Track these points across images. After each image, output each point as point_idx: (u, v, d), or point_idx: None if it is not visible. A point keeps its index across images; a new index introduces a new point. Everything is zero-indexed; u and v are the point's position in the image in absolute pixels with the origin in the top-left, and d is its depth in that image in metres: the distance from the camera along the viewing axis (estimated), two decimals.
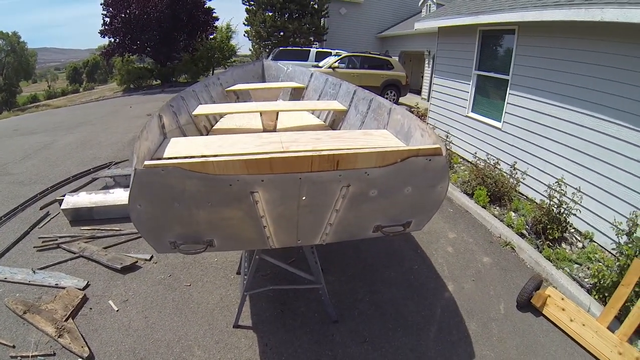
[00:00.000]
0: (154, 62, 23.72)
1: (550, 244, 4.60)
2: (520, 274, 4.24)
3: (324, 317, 3.49)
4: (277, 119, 4.95)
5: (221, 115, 5.77)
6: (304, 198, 2.12)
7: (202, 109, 4.89)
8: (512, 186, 5.90)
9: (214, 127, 5.36)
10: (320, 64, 15.06)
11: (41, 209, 5.62)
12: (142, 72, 23.54)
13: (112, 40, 21.52)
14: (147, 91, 20.93)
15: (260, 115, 4.91)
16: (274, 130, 4.93)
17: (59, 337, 3.13)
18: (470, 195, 6.04)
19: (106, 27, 21.15)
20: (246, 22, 22.92)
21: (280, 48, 17.90)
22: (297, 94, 7.00)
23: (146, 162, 1.88)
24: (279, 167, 1.97)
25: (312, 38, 21.59)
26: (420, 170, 2.17)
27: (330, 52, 16.78)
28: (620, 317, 3.20)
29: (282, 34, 21.18)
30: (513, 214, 5.52)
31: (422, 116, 10.01)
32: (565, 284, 3.90)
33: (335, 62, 14.34)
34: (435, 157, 2.14)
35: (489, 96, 7.27)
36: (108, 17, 21.09)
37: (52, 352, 3.01)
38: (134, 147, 2.31)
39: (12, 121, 14.98)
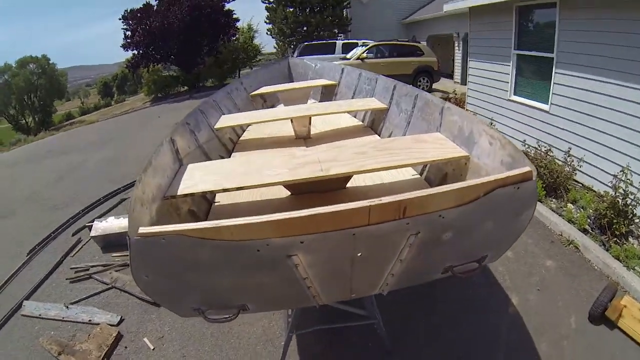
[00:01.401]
0: (180, 69, 23.94)
1: (617, 240, 4.11)
2: (589, 278, 3.79)
3: (377, 347, 3.13)
4: (310, 123, 4.57)
5: (250, 124, 5.31)
6: (359, 254, 1.69)
7: (225, 121, 4.55)
8: (568, 175, 5.38)
9: (241, 138, 4.99)
10: (348, 55, 14.62)
11: (73, 235, 5.55)
12: (168, 81, 23.83)
13: (136, 52, 21.85)
14: (175, 98, 21.07)
15: (291, 121, 4.53)
16: (308, 136, 4.60)
17: None
18: None
19: (128, 40, 21.50)
20: (267, 20, 22.76)
21: (305, 43, 17.54)
22: (328, 93, 6.60)
23: (141, 230, 1.50)
24: (325, 225, 1.52)
25: (336, 30, 21.11)
26: (505, 202, 1.75)
27: (357, 43, 16.27)
28: None
29: (305, 28, 20.84)
30: (572, 206, 5.02)
31: (461, 102, 9.45)
32: (639, 288, 3.45)
33: (363, 52, 13.85)
34: (524, 183, 1.71)
35: (533, 77, 6.70)
36: (129, 30, 21.45)
37: None
38: (131, 196, 1.92)
39: (46, 142, 15.29)
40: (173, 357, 3.20)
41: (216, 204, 3.13)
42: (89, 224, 5.40)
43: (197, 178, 2.75)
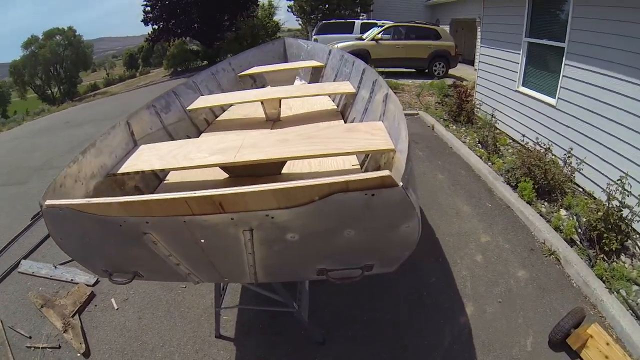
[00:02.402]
0: (200, 44, 23.96)
1: (605, 257, 3.69)
2: (562, 295, 3.42)
3: (311, 337, 3.10)
4: (280, 106, 4.54)
5: (229, 105, 5.39)
6: (202, 241, 1.78)
7: (199, 102, 4.64)
8: (566, 177, 4.91)
9: (217, 119, 5.05)
10: (364, 35, 14.13)
11: None
12: (188, 55, 23.78)
13: (156, 27, 22.08)
14: (193, 73, 21.05)
15: (262, 104, 4.52)
16: (278, 118, 4.58)
17: (64, 332, 3.33)
18: (514, 187, 5.13)
19: (148, 15, 21.71)
20: None
21: (324, 21, 17.12)
22: (317, 74, 6.46)
23: (47, 202, 1.79)
24: (156, 210, 1.65)
25: (358, 9, 20.44)
26: (358, 210, 1.53)
27: (376, 23, 15.68)
28: None
29: (327, 6, 20.24)
30: (564, 212, 4.58)
31: (471, 89, 8.90)
32: (616, 316, 3.04)
33: (379, 33, 13.30)
34: (384, 190, 1.46)
35: (542, 68, 6.14)
36: (149, 5, 21.61)
37: (58, 345, 3.20)
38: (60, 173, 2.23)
39: (67, 113, 15.70)
40: (131, 317, 3.48)
41: (165, 181, 3.32)
42: None
43: (142, 158, 2.95)
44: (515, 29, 6.51)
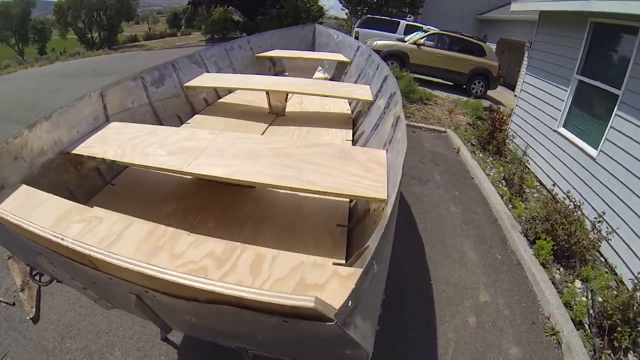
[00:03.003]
0: (243, 16, 23.72)
1: (612, 353, 3.14)
2: None
3: None
4: (286, 100, 4.16)
5: (236, 88, 4.97)
6: (93, 283, 1.56)
7: (200, 80, 4.25)
8: (591, 244, 4.30)
9: (218, 101, 4.62)
10: (406, 38, 13.46)
11: None
12: (228, 24, 23.49)
13: None
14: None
15: (267, 94, 4.12)
16: (282, 113, 4.18)
17: (21, 290, 3.22)
18: (532, 243, 4.54)
19: None
20: None
21: (369, 15, 16.51)
22: (342, 69, 5.98)
23: None
24: (38, 239, 1.39)
25: (406, 9, 19.65)
26: (265, 326, 1.08)
27: (422, 27, 14.96)
28: None
29: (375, 0, 19.54)
30: (579, 284, 4.02)
31: (507, 117, 8.23)
32: None
33: (422, 38, 12.63)
34: (303, 321, 0.94)
35: (589, 112, 5.49)
36: None
37: (13, 302, 3.10)
38: None
39: (99, 60, 15.78)
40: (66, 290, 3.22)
41: (132, 167, 2.99)
42: None
43: (105, 139, 2.65)
44: (567, 63, 5.85)
